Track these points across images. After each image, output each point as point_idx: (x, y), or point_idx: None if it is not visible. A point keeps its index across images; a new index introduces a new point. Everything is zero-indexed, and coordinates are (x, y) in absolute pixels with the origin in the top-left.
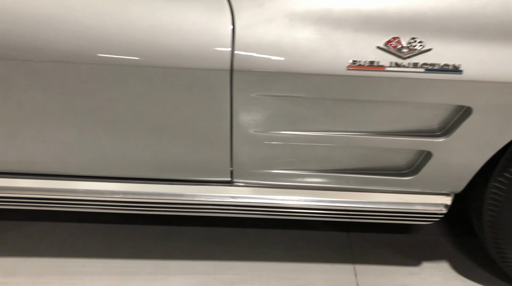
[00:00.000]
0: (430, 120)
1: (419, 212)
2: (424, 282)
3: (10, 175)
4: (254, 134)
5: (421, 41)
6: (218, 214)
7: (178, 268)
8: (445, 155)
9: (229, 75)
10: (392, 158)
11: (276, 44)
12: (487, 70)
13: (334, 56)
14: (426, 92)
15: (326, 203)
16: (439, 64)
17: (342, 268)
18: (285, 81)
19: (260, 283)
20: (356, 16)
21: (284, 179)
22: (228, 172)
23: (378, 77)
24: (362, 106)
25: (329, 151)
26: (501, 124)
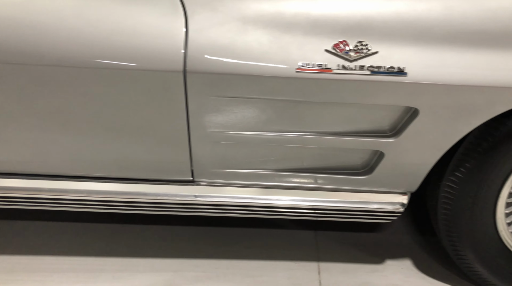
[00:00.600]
0: (381, 121)
1: (377, 211)
2: (385, 280)
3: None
4: (211, 134)
5: (368, 44)
6: (182, 212)
7: (145, 265)
8: (396, 155)
9: (183, 77)
10: (348, 157)
11: (228, 46)
12: (430, 73)
13: (284, 59)
14: (373, 94)
15: (286, 202)
16: (385, 67)
17: (307, 265)
18: (237, 83)
19: (224, 280)
20: (305, 20)
21: (244, 178)
22: (189, 172)
23: (326, 79)
24: (314, 108)
25: (287, 151)
26: (448, 125)
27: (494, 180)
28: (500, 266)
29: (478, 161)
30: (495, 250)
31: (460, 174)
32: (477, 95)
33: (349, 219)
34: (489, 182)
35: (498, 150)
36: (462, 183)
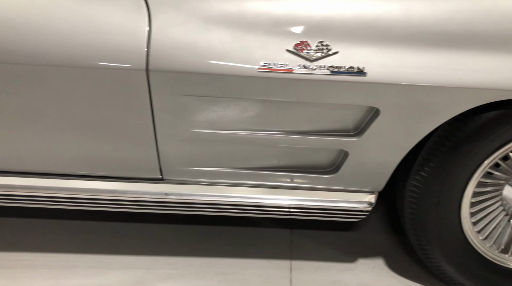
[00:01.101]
0: (344, 121)
1: (344, 209)
2: (356, 278)
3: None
4: (177, 132)
5: (328, 44)
6: (152, 210)
7: (119, 262)
8: (360, 154)
9: (146, 75)
10: (315, 156)
11: (191, 45)
12: (390, 73)
13: (246, 58)
14: (334, 93)
15: (254, 200)
16: (345, 67)
17: (279, 264)
18: (200, 81)
19: (196, 278)
20: (267, 20)
21: (213, 177)
22: (158, 170)
23: (288, 79)
24: (277, 107)
25: (254, 149)
26: (409, 125)
27: (458, 180)
28: (467, 265)
29: (442, 160)
30: (461, 250)
31: (425, 173)
32: (436, 95)
33: (318, 217)
34: (453, 182)
35: (460, 150)
36: (427, 182)
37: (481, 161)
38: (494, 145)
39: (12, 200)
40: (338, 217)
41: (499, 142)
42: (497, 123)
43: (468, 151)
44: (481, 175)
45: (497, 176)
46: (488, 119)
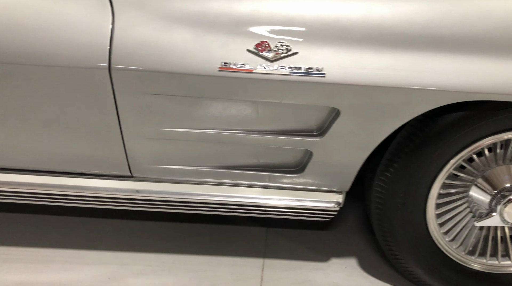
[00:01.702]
0: (307, 121)
1: (313, 208)
2: (327, 277)
3: None
4: (143, 130)
5: (288, 45)
6: (123, 207)
7: (94, 257)
8: (323, 154)
9: (108, 73)
10: (281, 155)
11: (153, 44)
12: (348, 74)
13: (207, 58)
14: (294, 94)
15: (223, 198)
16: (304, 67)
17: (252, 262)
18: (162, 80)
19: (168, 274)
20: (229, 20)
21: (181, 175)
22: (127, 167)
23: (248, 78)
24: (240, 106)
25: (221, 148)
26: (370, 126)
27: (422, 181)
28: (433, 266)
29: (406, 161)
30: (428, 251)
31: (389, 174)
32: (395, 97)
33: (286, 216)
34: (417, 182)
35: (424, 151)
36: (391, 183)
37: (444, 163)
38: (457, 147)
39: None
40: (307, 216)
41: (462, 144)
42: (459, 125)
43: (431, 152)
44: (445, 176)
45: (463, 177)
46: (450, 121)
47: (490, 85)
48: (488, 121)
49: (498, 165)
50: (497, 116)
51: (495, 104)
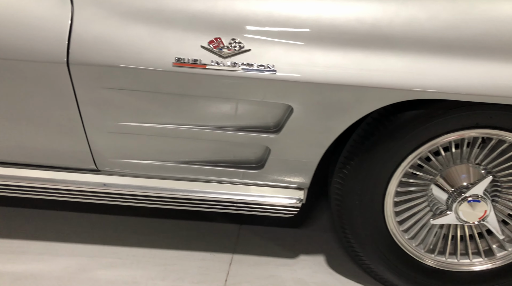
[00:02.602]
0: (264, 117)
1: (276, 204)
2: (293, 274)
3: None
4: (103, 125)
5: (241, 42)
6: (91, 200)
7: (66, 249)
8: (280, 151)
9: (67, 68)
10: (242, 151)
11: (110, 40)
12: (299, 71)
13: (162, 53)
14: (246, 90)
15: (188, 193)
16: (255, 64)
17: (221, 257)
18: (119, 75)
19: (136, 267)
20: (184, 17)
21: (145, 170)
22: (92, 161)
23: (201, 74)
24: (196, 102)
25: (181, 143)
26: (322, 123)
27: (379, 178)
28: (393, 263)
29: (362, 159)
30: (387, 248)
31: (347, 171)
32: (345, 94)
33: (250, 211)
34: (374, 180)
35: (379, 149)
36: (349, 180)
37: (400, 161)
38: (411, 145)
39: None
40: (270, 212)
41: (415, 142)
42: (412, 124)
43: (386, 150)
44: (402, 174)
45: (421, 176)
46: (404, 119)
47: (436, 84)
48: (440, 121)
49: (455, 164)
50: (449, 116)
51: (446, 103)
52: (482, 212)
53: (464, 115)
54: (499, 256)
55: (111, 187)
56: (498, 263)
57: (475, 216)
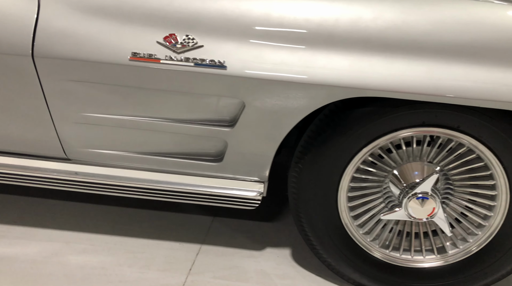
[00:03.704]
0: (220, 112)
1: (237, 197)
2: (256, 265)
3: None
4: (69, 116)
5: (194, 38)
6: (63, 187)
7: (43, 234)
8: (237, 144)
9: (32, 61)
10: (202, 144)
11: (72, 34)
12: (248, 67)
13: (120, 48)
14: (199, 84)
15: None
16: (207, 60)
17: (189, 247)
18: (79, 68)
19: (107, 254)
20: (142, 13)
21: (111, 159)
22: (61, 150)
23: (156, 68)
24: (153, 95)
25: (143, 135)
26: (273, 118)
27: (331, 173)
28: (348, 257)
29: (315, 154)
30: (342, 243)
31: (302, 165)
32: (293, 91)
33: (212, 203)
34: (327, 175)
35: (330, 144)
36: (304, 174)
37: (351, 156)
38: (361, 142)
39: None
40: (232, 204)
41: (365, 139)
42: (361, 121)
43: (337, 146)
44: (353, 170)
45: (375, 172)
46: (353, 116)
47: (379, 83)
48: (387, 118)
49: (409, 162)
50: (395, 114)
51: (393, 101)
52: (430, 209)
53: (410, 113)
54: (451, 253)
55: (83, 176)
56: (450, 259)
57: (424, 212)
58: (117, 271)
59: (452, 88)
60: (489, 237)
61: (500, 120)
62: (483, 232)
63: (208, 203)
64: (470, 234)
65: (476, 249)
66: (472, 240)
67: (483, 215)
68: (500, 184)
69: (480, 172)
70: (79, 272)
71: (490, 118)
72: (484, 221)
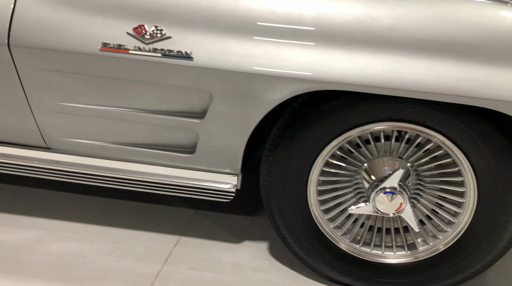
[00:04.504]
0: (191, 103)
1: (211, 189)
2: (232, 257)
3: None
4: (47, 105)
5: (163, 29)
6: (46, 176)
7: (28, 223)
8: (207, 136)
9: (8, 50)
10: (176, 135)
11: (47, 25)
12: (214, 59)
13: (91, 38)
14: (167, 75)
15: (128, 174)
16: (174, 51)
17: (168, 238)
18: (54, 58)
19: (88, 242)
20: (113, 4)
21: (89, 149)
22: (41, 139)
23: (125, 59)
24: (124, 85)
25: (117, 125)
26: (241, 110)
27: (300, 167)
28: (319, 252)
29: (284, 147)
30: (312, 236)
31: (272, 158)
32: (258, 83)
33: (187, 194)
34: (296, 168)
35: (298, 138)
36: (274, 167)
37: (319, 150)
38: (329, 136)
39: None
40: (205, 195)
41: (332, 133)
42: (328, 114)
43: (305, 140)
44: (322, 164)
45: (345, 166)
46: (320, 110)
47: (341, 76)
48: (354, 112)
49: (379, 157)
50: (361, 108)
51: (359, 95)
52: (398, 204)
53: (377, 108)
54: (421, 250)
55: (62, 165)
56: (420, 256)
57: (391, 207)
58: (95, 259)
59: (414, 83)
60: (458, 234)
61: (466, 116)
62: (453, 229)
63: (183, 194)
64: (440, 230)
65: (443, 247)
66: (442, 237)
67: (453, 212)
68: (468, 181)
69: (449, 168)
70: (58, 259)
71: (455, 114)
72: (453, 218)
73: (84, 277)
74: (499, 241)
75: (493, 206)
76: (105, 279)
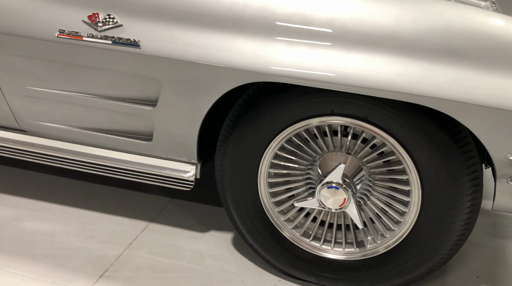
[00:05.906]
0: (144, 90)
1: (171, 177)
2: (194, 245)
3: None
4: (15, 89)
5: (115, 17)
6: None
7: (9, 201)
8: (161, 123)
9: None
10: (133, 122)
11: (10, 12)
12: (160, 47)
13: (49, 25)
14: (118, 62)
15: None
16: (123, 39)
17: (137, 224)
18: (16, 43)
19: (62, 223)
20: None
21: (58, 132)
22: (14, 120)
23: (79, 45)
24: (80, 71)
25: (78, 110)
26: (189, 99)
27: (250, 158)
28: (270, 244)
29: (235, 138)
30: (263, 228)
31: (225, 149)
32: (202, 72)
33: (146, 181)
34: (246, 160)
35: (248, 129)
36: (226, 158)
37: (267, 143)
38: (275, 128)
39: None
40: (165, 183)
41: (278, 126)
42: (273, 107)
43: (253, 131)
44: (271, 156)
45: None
46: (266, 102)
47: (280, 69)
48: (298, 105)
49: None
50: (304, 101)
51: (303, 88)
52: (341, 200)
53: (319, 102)
54: (369, 248)
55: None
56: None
57: (335, 202)
58: (63, 238)
59: (349, 77)
60: (404, 234)
61: (405, 113)
62: (399, 228)
63: (144, 181)
64: (388, 229)
65: (384, 250)
66: (389, 235)
67: (400, 211)
68: (412, 179)
69: (395, 165)
70: (29, 236)
71: (395, 110)
72: (401, 217)
73: (48, 255)
74: (444, 242)
75: (436, 207)
76: (68, 258)
